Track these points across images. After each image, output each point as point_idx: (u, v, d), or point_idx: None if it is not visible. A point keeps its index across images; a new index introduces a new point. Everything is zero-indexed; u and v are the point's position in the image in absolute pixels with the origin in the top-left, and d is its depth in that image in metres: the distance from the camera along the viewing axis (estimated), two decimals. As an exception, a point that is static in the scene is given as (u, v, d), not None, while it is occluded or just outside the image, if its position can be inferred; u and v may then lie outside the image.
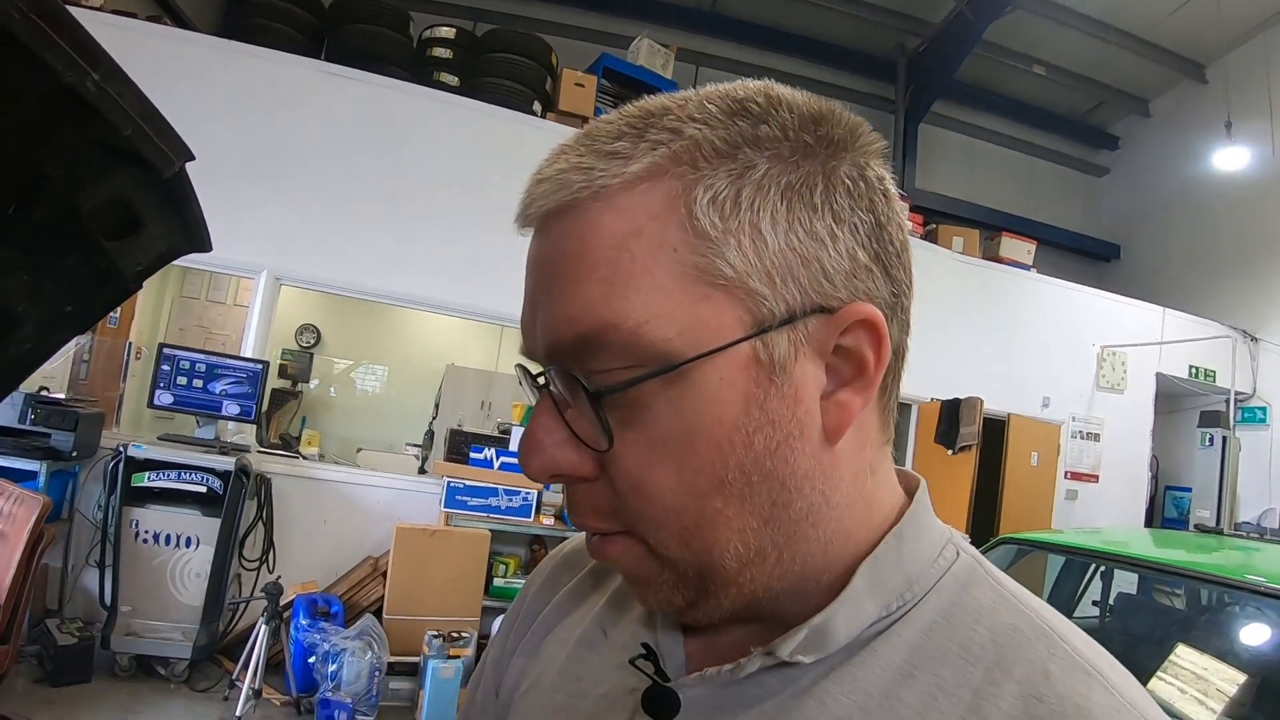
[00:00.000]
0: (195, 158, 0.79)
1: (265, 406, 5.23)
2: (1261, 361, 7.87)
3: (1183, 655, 2.37)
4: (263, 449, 4.76)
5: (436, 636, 3.94)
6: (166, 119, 0.74)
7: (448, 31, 5.93)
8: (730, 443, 0.41)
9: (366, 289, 5.02)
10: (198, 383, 4.46)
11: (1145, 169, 9.47)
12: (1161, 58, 8.50)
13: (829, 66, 8.77)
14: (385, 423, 7.45)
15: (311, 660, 3.84)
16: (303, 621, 3.93)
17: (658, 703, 0.47)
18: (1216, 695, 2.19)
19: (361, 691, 3.77)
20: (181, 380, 4.44)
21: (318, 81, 4.99)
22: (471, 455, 4.76)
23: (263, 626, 3.69)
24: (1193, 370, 7.82)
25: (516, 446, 0.42)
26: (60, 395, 4.33)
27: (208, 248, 0.91)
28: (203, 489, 4.04)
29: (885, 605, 0.45)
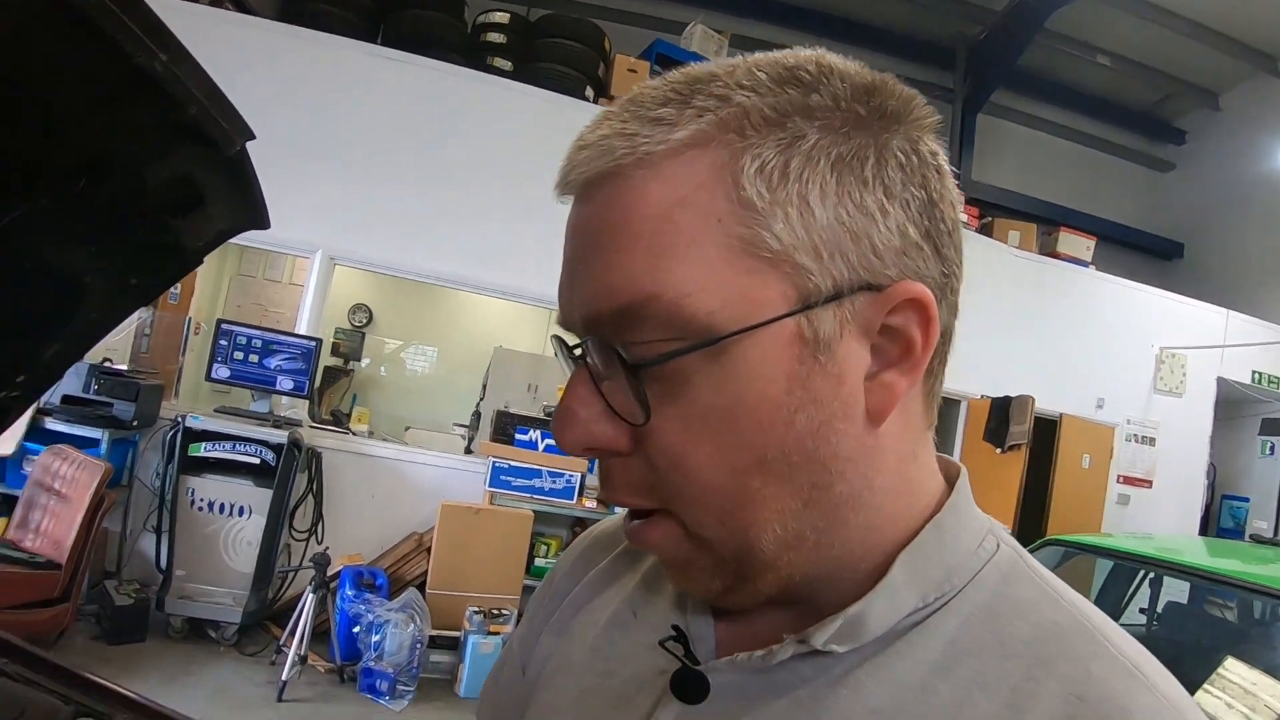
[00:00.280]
0: (255, 136, 0.82)
1: (318, 383, 5.34)
2: (1329, 368, 7.53)
3: (1231, 668, 2.31)
4: (314, 424, 4.88)
5: (477, 612, 4.02)
6: (229, 99, 0.77)
7: (501, 16, 5.95)
8: (771, 421, 0.40)
9: (418, 270, 5.10)
10: (254, 358, 4.59)
11: (1213, 165, 9.05)
12: (1232, 49, 8.08)
13: (886, 54, 8.54)
14: (433, 402, 7.55)
15: (356, 630, 3.95)
16: (348, 592, 4.04)
17: (687, 685, 0.47)
18: (1265, 711, 2.13)
19: (403, 662, 3.86)
20: (238, 355, 4.57)
21: (374, 65, 5.07)
22: (517, 437, 4.83)
23: (310, 595, 3.80)
24: (1256, 375, 7.50)
25: (552, 419, 0.42)
26: (122, 367, 4.46)
27: (266, 225, 0.94)
28: (256, 460, 4.17)
29: (923, 596, 0.43)
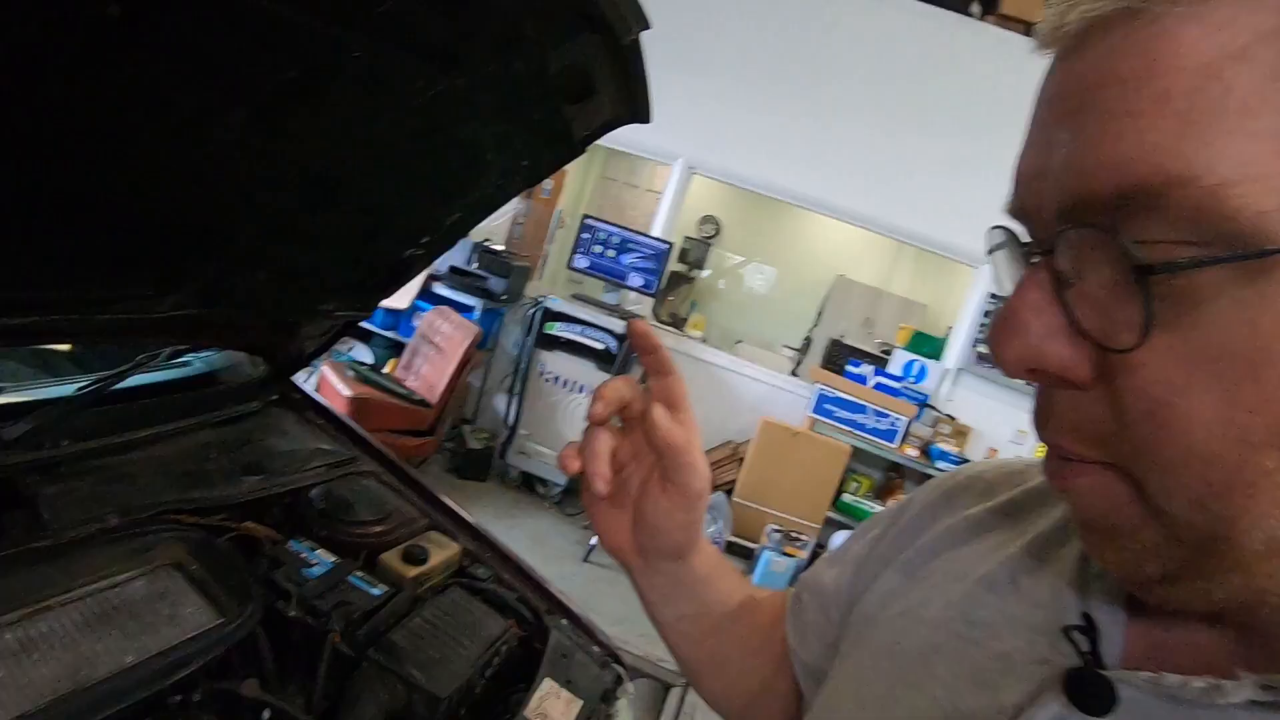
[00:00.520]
0: (651, 26, 0.81)
1: (663, 284, 5.65)
2: None
3: None
4: (655, 323, 5.19)
5: (777, 531, 4.08)
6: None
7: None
8: None
9: (773, 186, 5.07)
10: (610, 253, 4.98)
11: None
12: None
13: None
14: (766, 321, 7.65)
15: (664, 519, 4.23)
16: (661, 481, 4.32)
17: (1085, 690, 0.37)
18: None
19: (701, 560, 4.07)
20: (597, 249, 4.99)
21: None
22: (848, 368, 4.71)
23: (629, 478, 4.14)
24: None
25: (990, 328, 0.31)
26: (499, 247, 5.13)
27: (647, 119, 0.94)
28: (600, 346, 4.56)
29: None
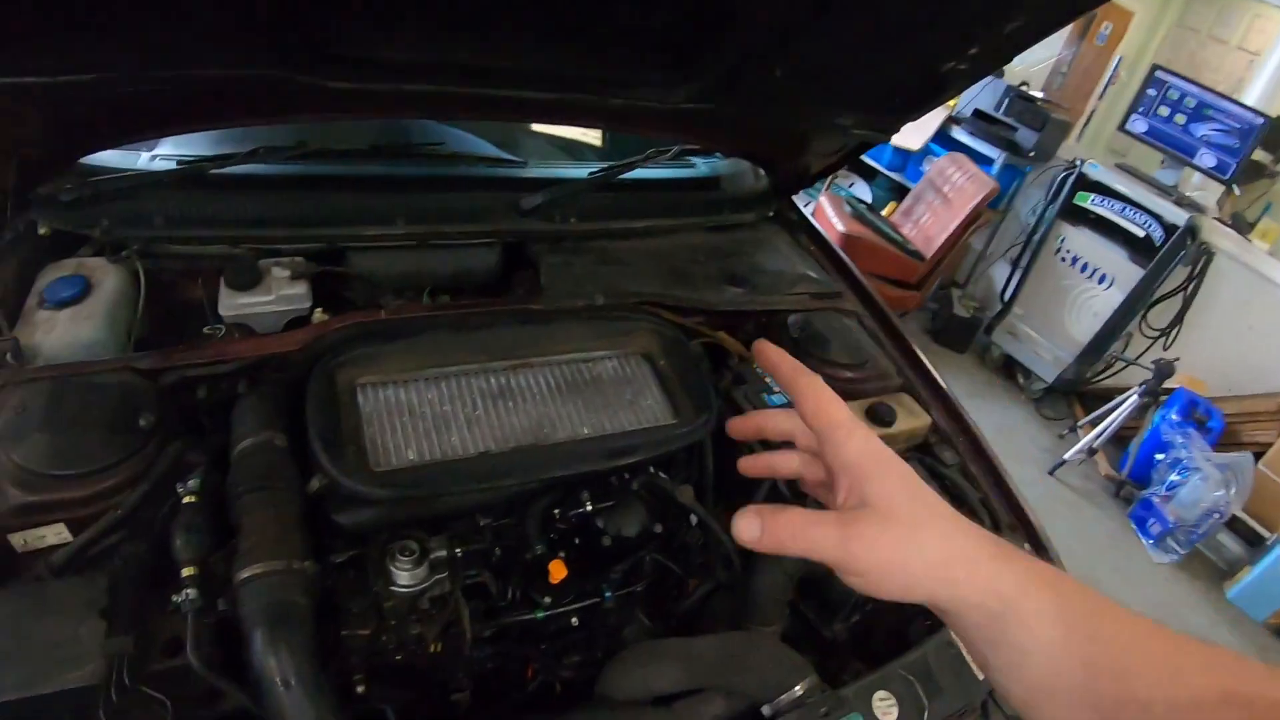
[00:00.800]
0: None
1: (1238, 172, 4.43)
2: None
3: None
4: (1217, 218, 4.07)
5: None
6: None
7: None
8: None
9: None
10: (1179, 119, 3.92)
11: None
12: None
13: None
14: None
15: (1160, 458, 3.47)
16: (1173, 416, 3.50)
17: None
18: None
19: (1189, 521, 3.29)
20: (1163, 111, 3.96)
21: None
22: None
23: (1135, 398, 3.42)
24: None
25: None
26: (1037, 94, 4.35)
27: None
28: (1141, 233, 3.70)
29: None
